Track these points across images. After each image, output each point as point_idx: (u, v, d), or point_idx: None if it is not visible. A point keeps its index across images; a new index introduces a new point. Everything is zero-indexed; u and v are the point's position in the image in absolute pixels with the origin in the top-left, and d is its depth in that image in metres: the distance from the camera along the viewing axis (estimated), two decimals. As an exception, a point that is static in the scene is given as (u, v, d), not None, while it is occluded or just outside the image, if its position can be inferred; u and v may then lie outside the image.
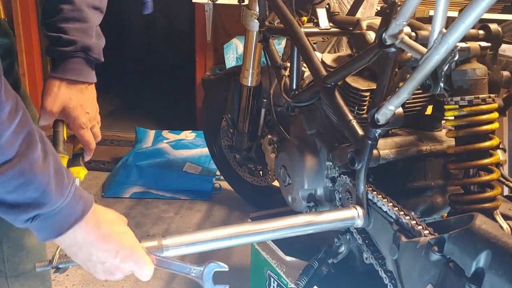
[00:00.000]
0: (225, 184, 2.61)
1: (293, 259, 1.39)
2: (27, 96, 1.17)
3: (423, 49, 0.91)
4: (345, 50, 1.96)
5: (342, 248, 1.24)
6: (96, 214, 0.76)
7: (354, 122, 1.14)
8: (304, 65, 1.42)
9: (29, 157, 0.61)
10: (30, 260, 1.21)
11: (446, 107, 1.03)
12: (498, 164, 1.04)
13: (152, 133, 2.98)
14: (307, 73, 1.45)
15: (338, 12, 1.56)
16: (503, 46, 1.11)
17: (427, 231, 0.94)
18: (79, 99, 0.98)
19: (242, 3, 2.00)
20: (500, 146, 1.07)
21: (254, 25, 1.92)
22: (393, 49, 1.00)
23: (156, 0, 5.17)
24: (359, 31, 1.25)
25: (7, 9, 3.07)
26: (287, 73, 1.54)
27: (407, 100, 0.96)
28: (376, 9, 2.16)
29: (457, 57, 0.92)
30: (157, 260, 0.89)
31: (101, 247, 0.77)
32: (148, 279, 0.86)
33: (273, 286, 1.47)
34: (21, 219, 0.68)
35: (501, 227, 0.98)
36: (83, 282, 1.92)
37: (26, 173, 0.62)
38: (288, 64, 1.54)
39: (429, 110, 1.29)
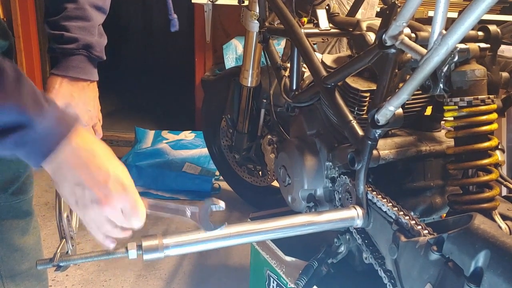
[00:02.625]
0: (224, 184, 2.61)
1: (293, 259, 1.39)
2: None
3: (423, 50, 0.91)
4: (345, 51, 1.97)
5: (342, 248, 1.24)
6: (85, 136, 0.75)
7: (354, 123, 1.14)
8: (304, 65, 1.42)
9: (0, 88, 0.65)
10: (26, 261, 1.21)
11: (446, 108, 1.04)
12: (496, 165, 1.04)
13: (151, 133, 2.99)
14: (307, 73, 1.46)
15: (338, 13, 1.57)
16: (502, 47, 1.12)
17: (426, 231, 0.94)
18: (81, 97, 0.98)
19: (242, 4, 2.00)
20: (499, 147, 1.07)
21: (254, 26, 1.92)
22: (393, 50, 1.00)
23: (155, 0, 5.18)
24: (359, 32, 1.26)
25: (6, 9, 3.07)
26: (287, 73, 1.55)
27: (407, 100, 0.96)
28: (376, 10, 2.17)
29: (456, 58, 0.93)
30: (150, 204, 0.83)
31: (92, 169, 0.73)
32: (141, 223, 0.79)
33: (273, 286, 1.48)
34: (7, 145, 0.69)
35: (500, 227, 0.98)
36: (83, 282, 1.92)
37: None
38: (288, 65, 1.54)
39: (428, 110, 1.29)
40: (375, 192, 1.08)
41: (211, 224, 0.90)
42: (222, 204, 0.88)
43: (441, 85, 0.98)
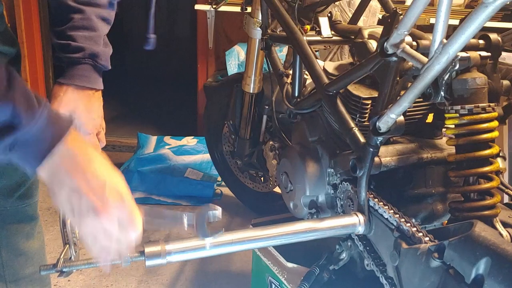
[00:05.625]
0: (226, 190, 2.61)
1: (295, 265, 1.40)
2: None
3: (424, 59, 0.92)
4: (347, 58, 1.98)
5: (343, 255, 1.25)
6: (81, 142, 0.74)
7: (355, 130, 1.15)
8: (306, 72, 1.43)
9: None
10: (30, 265, 1.22)
11: (447, 115, 1.04)
12: (498, 172, 1.05)
13: (154, 139, 2.99)
14: (309, 80, 1.47)
15: (340, 21, 1.58)
16: (504, 54, 1.12)
17: (427, 238, 0.95)
18: (86, 105, 0.99)
19: (244, 11, 2.01)
20: (500, 154, 1.08)
21: (257, 33, 1.93)
22: (394, 58, 1.01)
23: (158, 7, 5.20)
24: (361, 40, 1.27)
25: (11, 16, 3.09)
26: (289, 80, 1.56)
27: (408, 108, 0.97)
28: (378, 17, 2.18)
29: (457, 66, 0.93)
30: (146, 212, 0.81)
31: (88, 176, 0.72)
32: (137, 234, 0.78)
33: (274, 292, 1.48)
34: (0, 149, 0.68)
35: (501, 235, 0.98)
36: None
37: None
38: (290, 72, 1.55)
39: (430, 118, 1.30)
40: (376, 199, 1.09)
41: (208, 231, 0.90)
42: (219, 213, 0.88)
43: (442, 93, 0.98)
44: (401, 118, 1.00)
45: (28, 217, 1.20)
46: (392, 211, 1.04)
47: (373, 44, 1.23)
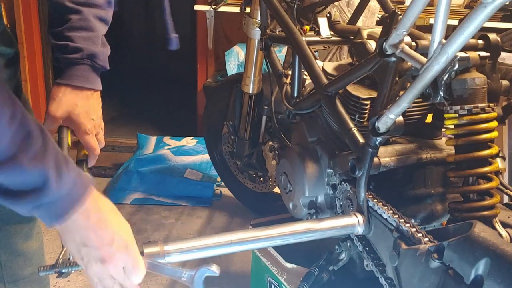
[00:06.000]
0: (226, 191, 2.61)
1: (294, 266, 1.40)
2: (27, 101, 1.18)
3: (423, 59, 0.92)
4: (346, 59, 1.98)
5: (343, 255, 1.24)
6: (96, 198, 0.77)
7: (355, 130, 1.15)
8: (305, 73, 1.43)
9: (28, 153, 0.66)
10: (28, 266, 1.22)
11: (446, 115, 1.04)
12: (497, 172, 1.05)
13: (153, 139, 2.99)
14: (308, 81, 1.47)
15: (339, 21, 1.58)
16: (503, 54, 1.12)
17: (426, 239, 0.95)
18: (85, 106, 0.99)
19: (243, 12, 2.01)
20: (500, 155, 1.08)
21: (256, 33, 1.93)
22: (393, 59, 1.01)
23: (157, 6, 5.20)
24: (360, 40, 1.27)
25: (10, 15, 3.09)
26: (288, 80, 1.56)
27: (407, 108, 0.97)
28: (377, 17, 2.18)
29: (456, 66, 0.93)
30: (149, 264, 0.88)
31: (99, 231, 0.77)
32: (140, 280, 0.84)
33: (274, 293, 1.48)
34: (26, 207, 0.71)
35: (500, 235, 0.98)
36: (84, 288, 1.92)
37: (26, 166, 0.66)
38: (289, 72, 1.55)
39: (429, 118, 1.30)
40: (376, 200, 1.08)
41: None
42: (216, 269, 0.94)
43: (441, 93, 0.98)
44: (400, 118, 1.00)
45: (26, 218, 1.20)
46: (391, 211, 1.04)
47: (372, 45, 1.23)
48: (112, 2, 1.05)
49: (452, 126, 1.04)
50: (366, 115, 1.22)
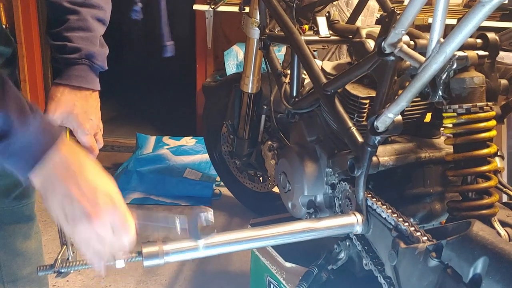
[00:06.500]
0: (225, 190, 2.61)
1: (293, 265, 1.40)
2: None
3: (421, 58, 0.92)
4: (345, 58, 1.98)
5: (342, 254, 1.24)
6: (75, 151, 0.75)
7: (353, 129, 1.15)
8: (304, 72, 1.43)
9: None
10: (27, 265, 1.22)
11: (445, 114, 1.04)
12: (496, 171, 1.05)
13: (152, 139, 2.99)
14: (307, 80, 1.47)
15: (338, 20, 1.58)
16: (502, 53, 1.12)
17: (425, 237, 0.95)
18: (83, 106, 0.99)
19: (242, 11, 2.01)
20: (498, 154, 1.08)
21: (255, 33, 1.93)
22: (392, 58, 1.01)
23: (156, 7, 5.20)
24: (359, 40, 1.27)
25: (9, 16, 3.09)
26: (287, 80, 1.56)
27: (406, 107, 0.97)
28: (376, 17, 2.18)
29: (455, 65, 0.93)
30: (138, 215, 0.82)
31: (80, 183, 0.73)
32: (130, 239, 0.78)
33: (273, 292, 1.48)
34: None
35: (499, 234, 0.98)
36: (83, 288, 1.92)
37: None
38: (288, 72, 1.55)
39: (428, 117, 1.30)
40: (374, 199, 1.09)
41: (200, 233, 0.90)
42: (211, 215, 0.89)
43: (440, 92, 0.98)
44: (399, 117, 1.00)
45: (25, 218, 1.20)
46: (390, 210, 1.04)
47: (371, 44, 1.23)
48: (109, 2, 1.06)
49: (451, 125, 1.04)
50: (365, 114, 1.22)
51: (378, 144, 1.06)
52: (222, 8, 2.53)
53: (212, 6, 2.27)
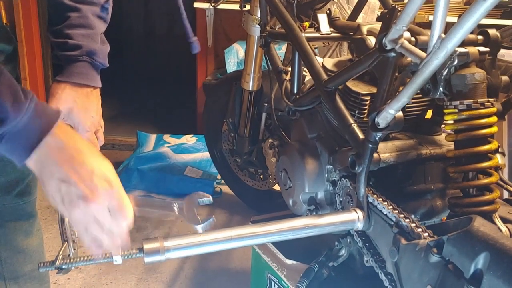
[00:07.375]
0: (226, 188, 2.62)
1: (294, 262, 1.40)
2: None
3: (422, 54, 0.92)
4: (346, 55, 1.98)
5: (343, 251, 1.25)
6: (70, 134, 0.75)
7: (354, 126, 1.15)
8: (305, 69, 1.43)
9: None
10: (29, 263, 1.22)
11: (446, 111, 1.04)
12: (497, 168, 1.05)
13: (153, 137, 2.99)
14: (307, 77, 1.47)
15: (339, 17, 1.58)
16: (503, 51, 1.12)
17: (426, 234, 0.95)
18: (84, 103, 0.99)
19: (243, 9, 2.01)
20: (499, 150, 1.08)
21: (256, 30, 1.93)
22: (393, 54, 1.01)
23: (157, 5, 5.20)
24: (360, 36, 1.27)
25: (10, 14, 3.09)
26: (288, 77, 1.56)
27: (407, 104, 0.97)
28: (377, 14, 2.18)
29: (456, 62, 0.93)
30: (136, 200, 0.80)
31: (76, 166, 0.73)
32: (128, 222, 0.77)
33: (274, 289, 1.48)
34: None
35: (500, 230, 0.98)
36: (84, 285, 1.92)
37: None
38: (289, 69, 1.55)
39: (429, 114, 1.30)
40: (375, 195, 1.08)
41: (198, 218, 0.90)
42: (208, 198, 0.88)
43: (441, 89, 0.98)
44: (400, 113, 1.00)
45: (26, 215, 1.20)
46: (391, 207, 1.04)
47: (372, 40, 1.23)
48: (110, 0, 1.06)
49: (452, 122, 1.04)
50: (366, 111, 1.22)
51: (379, 141, 1.06)
52: (222, 6, 2.53)
53: (213, 4, 2.26)
